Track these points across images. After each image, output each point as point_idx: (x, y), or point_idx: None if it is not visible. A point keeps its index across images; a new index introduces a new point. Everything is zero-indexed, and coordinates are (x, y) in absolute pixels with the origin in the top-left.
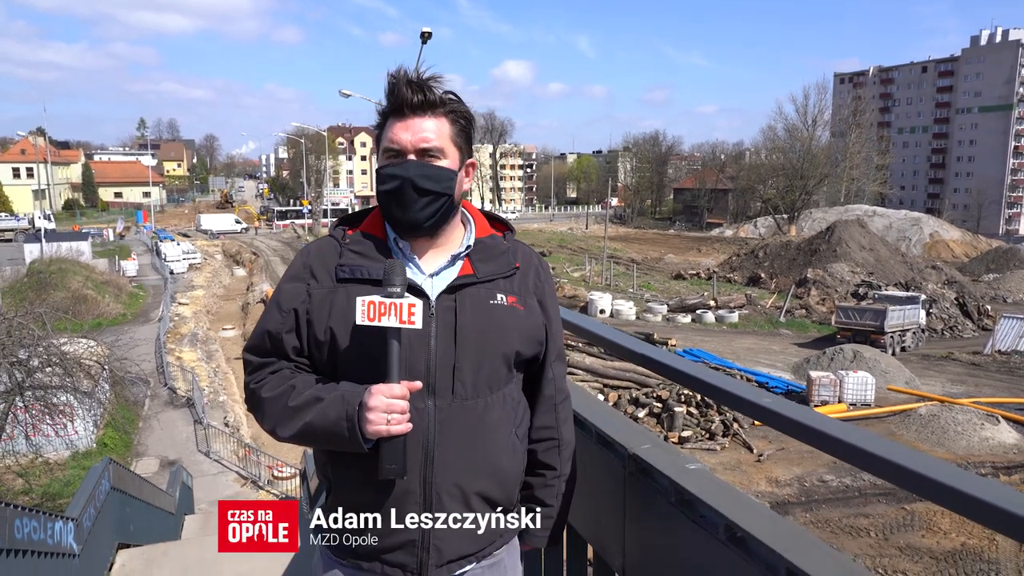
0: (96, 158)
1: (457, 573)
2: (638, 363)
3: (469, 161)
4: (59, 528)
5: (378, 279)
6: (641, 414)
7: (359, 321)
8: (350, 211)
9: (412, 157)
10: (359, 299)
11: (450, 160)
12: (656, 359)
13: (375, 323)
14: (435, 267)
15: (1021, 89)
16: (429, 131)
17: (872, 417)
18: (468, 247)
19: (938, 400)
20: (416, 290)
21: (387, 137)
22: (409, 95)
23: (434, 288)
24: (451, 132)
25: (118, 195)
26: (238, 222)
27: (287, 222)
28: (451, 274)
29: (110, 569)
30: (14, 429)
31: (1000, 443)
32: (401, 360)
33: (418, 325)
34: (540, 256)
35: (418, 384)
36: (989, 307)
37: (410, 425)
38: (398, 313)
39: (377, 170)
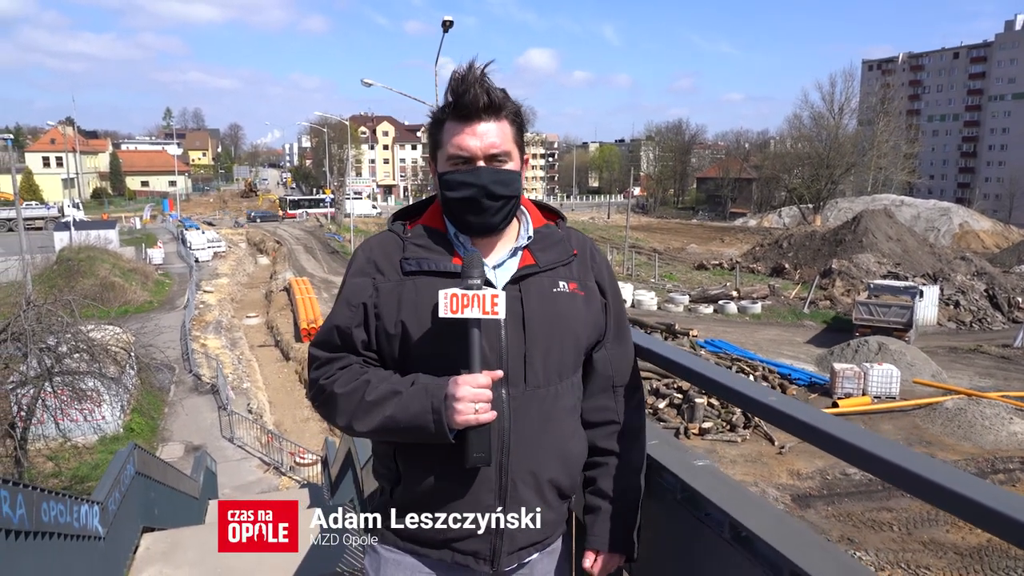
0: (123, 147)
1: (525, 560)
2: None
3: (525, 157)
4: (84, 511)
5: (445, 271)
6: (662, 405)
7: (442, 314)
8: (371, 200)
9: (482, 163)
10: (441, 292)
11: (515, 162)
12: (652, 350)
13: (458, 315)
14: (498, 259)
15: None
16: (496, 136)
17: (897, 410)
18: (529, 238)
19: (965, 393)
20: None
21: (452, 142)
22: (475, 99)
23: (499, 279)
24: (512, 134)
25: (145, 184)
26: (374, 207)
27: (297, 211)
28: (513, 265)
29: (135, 552)
30: (44, 414)
31: None
32: (482, 350)
33: (502, 315)
34: (593, 240)
35: (499, 373)
36: (1020, 299)
37: (495, 413)
38: (482, 304)
39: (443, 176)
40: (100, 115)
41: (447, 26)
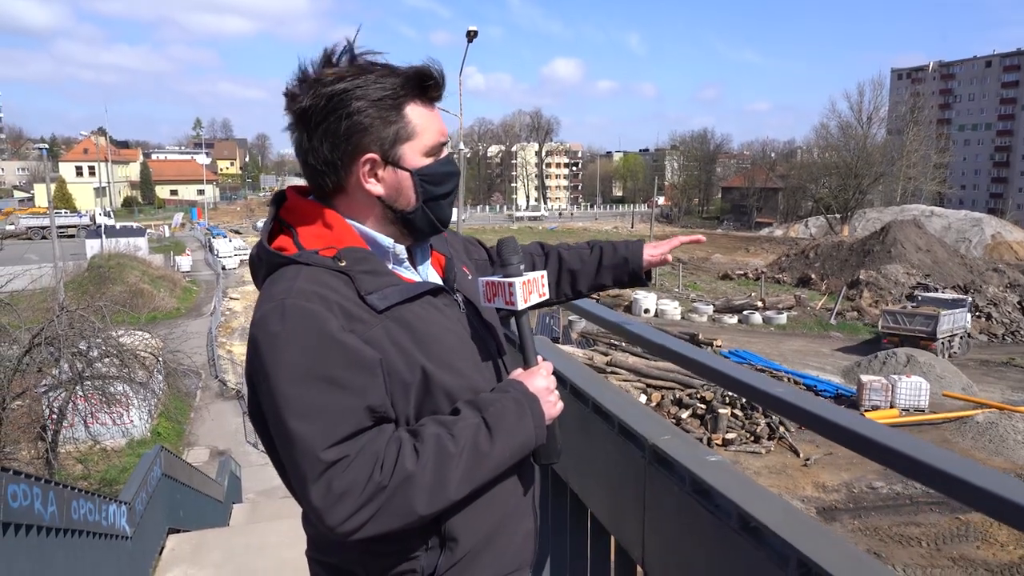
0: (154, 157)
1: None
2: (636, 342)
3: None
4: (112, 511)
5: (415, 294)
6: (685, 415)
7: (521, 307)
8: None
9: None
10: (518, 282)
11: None
12: (657, 342)
13: (528, 304)
14: (423, 258)
15: None
16: None
17: (926, 423)
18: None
19: (997, 407)
20: (439, 289)
21: (434, 128)
22: (443, 78)
23: (432, 277)
24: None
25: (174, 192)
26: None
27: None
28: (428, 263)
29: (160, 552)
30: (74, 417)
31: None
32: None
33: (546, 295)
34: None
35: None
36: None
37: None
38: (538, 287)
39: (429, 170)
40: (131, 125)
41: (471, 36)
